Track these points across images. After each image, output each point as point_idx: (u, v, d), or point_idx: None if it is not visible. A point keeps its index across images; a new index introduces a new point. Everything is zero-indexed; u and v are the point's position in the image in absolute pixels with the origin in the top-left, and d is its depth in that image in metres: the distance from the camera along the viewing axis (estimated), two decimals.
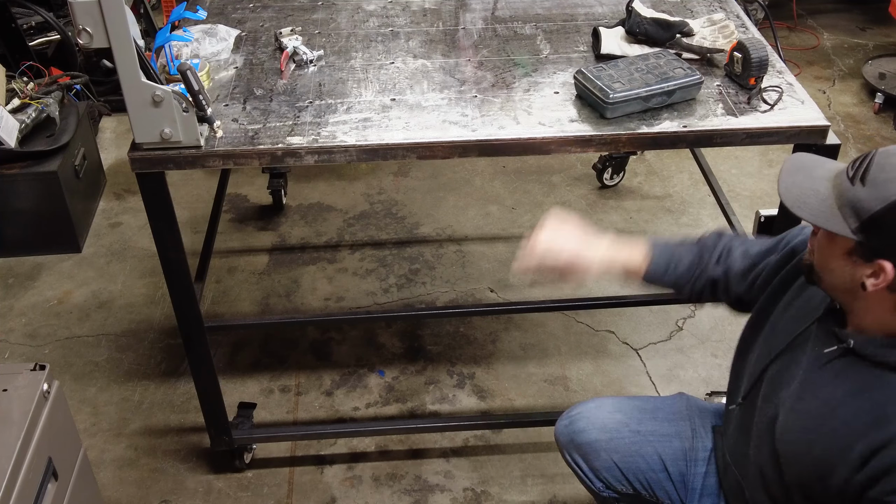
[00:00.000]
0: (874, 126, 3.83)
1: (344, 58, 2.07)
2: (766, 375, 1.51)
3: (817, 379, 1.39)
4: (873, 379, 1.31)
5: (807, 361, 1.43)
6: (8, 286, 3.01)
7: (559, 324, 2.81)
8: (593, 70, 1.85)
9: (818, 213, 1.30)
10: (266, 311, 2.88)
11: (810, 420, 1.38)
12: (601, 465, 1.72)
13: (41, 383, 1.76)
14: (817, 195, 1.31)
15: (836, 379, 1.36)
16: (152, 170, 1.75)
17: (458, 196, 3.39)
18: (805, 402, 1.40)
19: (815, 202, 1.31)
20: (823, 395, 1.37)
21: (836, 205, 1.28)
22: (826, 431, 1.35)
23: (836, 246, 1.31)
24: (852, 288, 1.31)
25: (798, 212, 1.32)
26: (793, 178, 1.35)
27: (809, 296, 1.48)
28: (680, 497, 1.72)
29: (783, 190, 1.35)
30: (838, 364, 1.37)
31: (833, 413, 1.34)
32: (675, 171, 3.51)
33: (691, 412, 1.77)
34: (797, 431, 1.40)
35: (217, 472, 2.38)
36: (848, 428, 1.32)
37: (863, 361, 1.33)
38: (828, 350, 1.39)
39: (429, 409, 2.54)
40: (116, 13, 1.52)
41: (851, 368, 1.35)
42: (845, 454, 1.31)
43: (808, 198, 1.31)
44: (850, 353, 1.35)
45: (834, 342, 1.38)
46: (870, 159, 1.27)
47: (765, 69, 1.87)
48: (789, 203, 1.33)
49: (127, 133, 3.66)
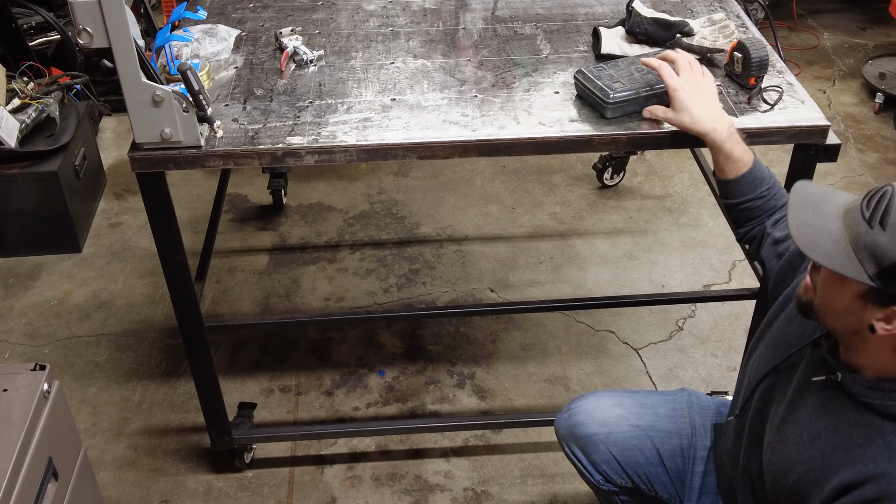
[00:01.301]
0: (874, 126, 3.83)
1: (344, 58, 2.07)
2: (760, 388, 1.50)
3: (803, 404, 1.38)
4: (857, 417, 1.29)
5: (796, 383, 1.42)
6: (8, 286, 3.01)
7: (559, 324, 2.81)
8: (593, 70, 1.85)
9: (833, 256, 1.23)
10: (266, 311, 2.88)
11: (791, 445, 1.37)
12: (600, 459, 1.73)
13: (41, 383, 1.76)
14: (830, 236, 1.24)
15: (819, 409, 1.35)
16: (152, 170, 1.75)
17: (458, 196, 3.39)
18: (789, 425, 1.39)
19: (828, 244, 1.24)
20: (806, 422, 1.36)
21: (852, 248, 1.21)
22: (804, 460, 1.34)
23: (846, 288, 1.25)
24: (858, 330, 1.27)
25: (812, 255, 1.25)
26: (802, 216, 1.29)
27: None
28: (677, 492, 1.72)
29: (794, 230, 1.28)
30: (825, 395, 1.35)
31: (813, 443, 1.33)
32: (675, 171, 3.51)
33: (692, 409, 1.77)
34: (779, 454, 1.40)
35: (217, 472, 2.38)
36: (824, 461, 1.31)
37: (848, 397, 1.31)
38: (816, 379, 1.36)
39: (429, 409, 2.54)
40: (116, 13, 1.52)
41: (836, 402, 1.32)
42: (820, 486, 1.30)
43: (822, 238, 1.25)
44: (836, 387, 1.33)
45: (823, 371, 1.35)
46: (889, 201, 1.19)
47: (765, 69, 1.86)
48: (802, 246, 1.26)
49: (127, 133, 3.66)
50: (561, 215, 3.28)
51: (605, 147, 1.83)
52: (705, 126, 1.66)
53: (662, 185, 3.44)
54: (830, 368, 1.34)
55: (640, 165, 3.52)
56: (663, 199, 3.36)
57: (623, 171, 3.39)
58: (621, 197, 3.38)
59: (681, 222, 3.25)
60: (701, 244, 3.14)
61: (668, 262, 3.06)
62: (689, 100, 1.68)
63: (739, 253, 3.01)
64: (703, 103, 1.68)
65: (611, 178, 3.39)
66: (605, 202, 3.35)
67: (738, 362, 2.33)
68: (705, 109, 1.67)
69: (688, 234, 3.19)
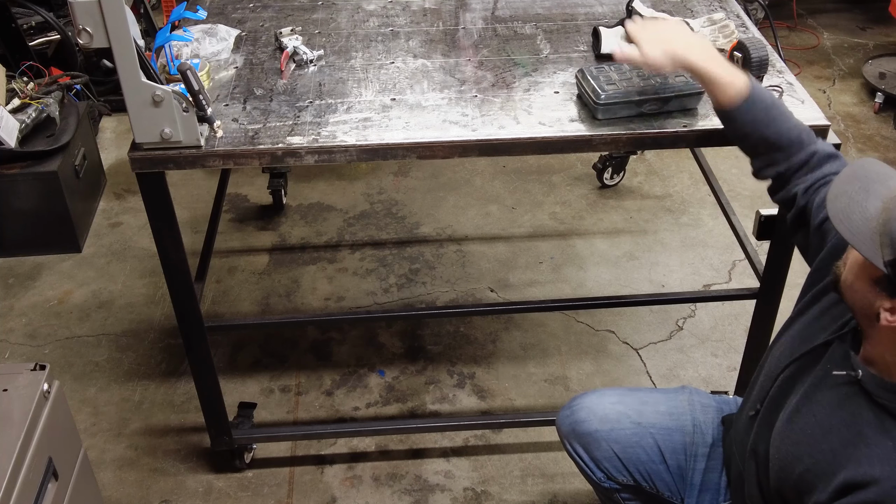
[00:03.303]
0: (874, 126, 3.83)
1: (344, 57, 2.07)
2: (782, 376, 1.49)
3: (820, 397, 1.38)
4: (871, 417, 1.29)
5: (815, 376, 1.41)
6: (8, 286, 3.01)
7: (559, 324, 2.81)
8: (593, 70, 1.85)
9: (856, 231, 1.22)
10: (266, 311, 2.88)
11: (803, 436, 1.38)
12: (602, 456, 1.73)
13: (41, 383, 1.76)
14: (864, 213, 1.23)
15: (836, 404, 1.35)
16: (152, 170, 1.75)
17: (458, 196, 3.39)
18: (803, 416, 1.40)
19: (858, 219, 1.22)
20: (820, 415, 1.36)
21: (879, 231, 1.20)
22: (814, 452, 1.34)
23: (865, 269, 1.25)
24: (869, 314, 1.27)
25: (837, 224, 1.24)
26: (847, 186, 1.27)
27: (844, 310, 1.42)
28: (678, 489, 1.72)
29: (831, 195, 1.27)
30: (843, 390, 1.35)
31: (825, 437, 1.34)
32: (675, 171, 3.51)
33: (693, 406, 1.77)
34: (789, 443, 1.40)
35: (217, 471, 2.38)
36: (833, 456, 1.31)
37: (865, 396, 1.31)
38: (836, 373, 1.36)
39: (429, 408, 2.54)
40: (116, 13, 1.52)
41: (853, 400, 1.32)
42: (826, 480, 1.31)
43: (854, 213, 1.23)
44: (856, 384, 1.33)
45: (844, 367, 1.35)
46: None
47: (765, 69, 1.86)
48: (832, 212, 1.25)
49: (127, 133, 3.66)
50: (561, 215, 3.28)
51: (605, 147, 1.83)
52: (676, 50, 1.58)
53: (662, 184, 3.44)
54: (852, 365, 1.34)
55: (640, 165, 3.52)
56: (663, 199, 3.36)
57: (623, 171, 3.39)
58: (621, 197, 3.38)
59: (681, 222, 3.25)
60: (701, 244, 3.14)
61: (668, 261, 3.06)
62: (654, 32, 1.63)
63: (739, 253, 3.00)
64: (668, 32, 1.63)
65: (611, 178, 3.39)
66: (605, 202, 3.35)
67: (738, 362, 2.32)
68: (671, 36, 1.62)
69: (688, 233, 3.19)
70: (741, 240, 2.37)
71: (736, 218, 2.44)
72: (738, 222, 2.42)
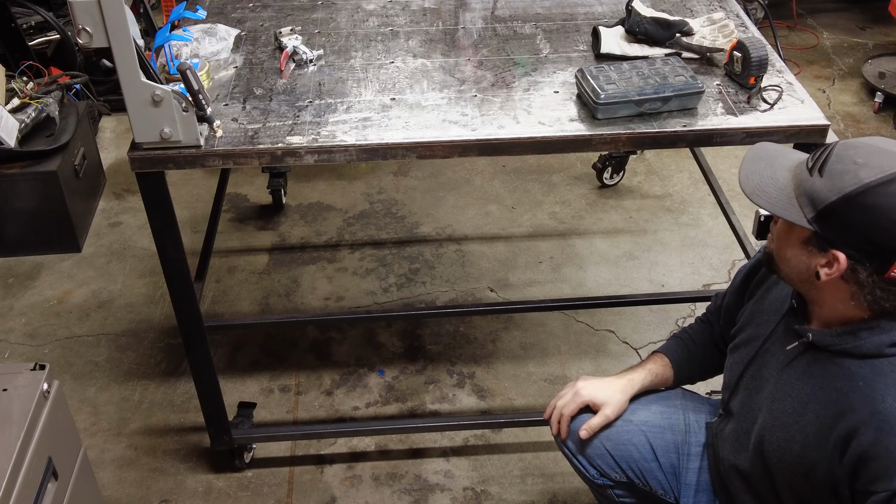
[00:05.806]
0: (874, 125, 3.83)
1: (344, 57, 2.07)
2: (742, 383, 1.55)
3: (787, 377, 1.42)
4: (836, 369, 1.34)
5: (776, 362, 1.46)
6: (8, 286, 3.01)
7: (559, 323, 2.81)
8: (593, 70, 1.85)
9: (776, 201, 1.32)
10: (266, 310, 2.88)
11: (787, 419, 1.40)
12: (594, 453, 1.73)
13: (41, 383, 1.76)
14: (776, 184, 1.33)
15: (804, 375, 1.39)
16: (152, 169, 1.75)
17: (457, 195, 3.39)
18: (780, 402, 1.43)
19: (773, 191, 1.32)
20: (795, 392, 1.40)
21: (794, 194, 1.30)
22: (801, 428, 1.37)
23: (793, 235, 1.33)
24: (808, 278, 1.33)
25: (756, 199, 1.33)
26: (754, 166, 1.37)
27: (773, 299, 1.52)
28: (672, 487, 1.73)
29: (743, 178, 1.36)
30: (803, 360, 1.40)
31: (805, 409, 1.37)
32: (675, 171, 3.51)
33: (685, 406, 1.78)
34: (777, 433, 1.43)
35: (217, 471, 2.38)
36: (819, 422, 1.34)
37: (824, 354, 1.36)
38: (790, 347, 1.42)
39: (429, 408, 2.54)
40: (116, 13, 1.52)
41: (816, 364, 1.38)
42: (822, 449, 1.34)
43: (767, 187, 1.33)
44: (811, 348, 1.38)
45: (794, 338, 1.41)
46: (829, 151, 1.28)
47: (764, 68, 1.86)
48: (748, 191, 1.34)
49: (127, 133, 3.66)
50: (561, 215, 3.28)
51: (605, 147, 1.83)
52: (613, 392, 1.73)
53: (662, 184, 3.44)
54: (799, 333, 1.40)
55: (640, 165, 3.52)
56: (663, 199, 3.36)
57: (623, 171, 3.39)
58: (621, 196, 3.38)
59: (680, 222, 3.25)
60: (701, 244, 3.14)
61: (668, 261, 3.06)
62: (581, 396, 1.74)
63: (739, 252, 3.00)
64: (592, 387, 1.74)
65: (610, 178, 3.39)
66: (604, 202, 3.35)
67: None
68: (598, 389, 1.74)
69: (687, 233, 3.19)
70: (741, 239, 2.37)
71: (735, 217, 2.44)
72: (738, 222, 2.42)
